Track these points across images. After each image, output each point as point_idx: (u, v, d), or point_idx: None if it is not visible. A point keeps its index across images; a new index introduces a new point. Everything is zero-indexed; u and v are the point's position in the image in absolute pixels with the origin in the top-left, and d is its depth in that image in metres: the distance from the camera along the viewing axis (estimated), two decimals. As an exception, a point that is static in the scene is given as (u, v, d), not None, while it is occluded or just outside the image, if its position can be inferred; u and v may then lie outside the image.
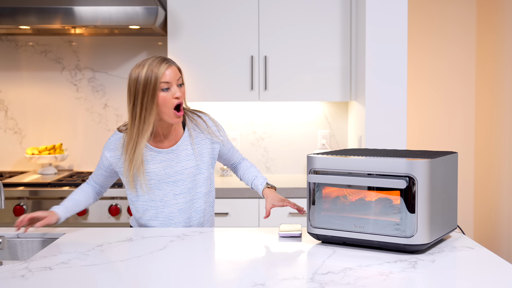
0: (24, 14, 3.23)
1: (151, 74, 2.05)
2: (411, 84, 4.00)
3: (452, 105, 4.04)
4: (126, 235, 2.12)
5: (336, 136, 3.85)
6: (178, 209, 2.22)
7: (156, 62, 2.07)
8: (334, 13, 3.49)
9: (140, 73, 2.06)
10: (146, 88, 2.05)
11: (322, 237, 1.98)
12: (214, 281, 1.60)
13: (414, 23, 3.98)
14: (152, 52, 3.82)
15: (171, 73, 2.08)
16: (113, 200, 3.26)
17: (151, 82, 2.05)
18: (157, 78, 2.05)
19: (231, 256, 1.86)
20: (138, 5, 3.22)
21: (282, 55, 3.51)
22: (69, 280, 1.61)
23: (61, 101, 3.85)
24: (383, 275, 1.63)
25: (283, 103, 3.83)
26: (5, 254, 2.15)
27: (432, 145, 4.04)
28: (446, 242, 1.99)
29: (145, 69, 2.06)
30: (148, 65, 2.06)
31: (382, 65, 3.19)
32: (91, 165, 3.86)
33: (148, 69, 2.06)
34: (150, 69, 2.05)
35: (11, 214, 3.23)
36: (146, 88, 2.05)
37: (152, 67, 2.06)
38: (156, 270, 1.71)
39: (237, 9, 3.50)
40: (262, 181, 2.33)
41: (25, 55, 3.82)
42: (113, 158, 2.19)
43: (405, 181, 1.81)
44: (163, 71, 2.06)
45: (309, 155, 2.00)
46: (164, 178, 2.19)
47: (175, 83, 2.09)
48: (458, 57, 4.02)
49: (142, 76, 2.06)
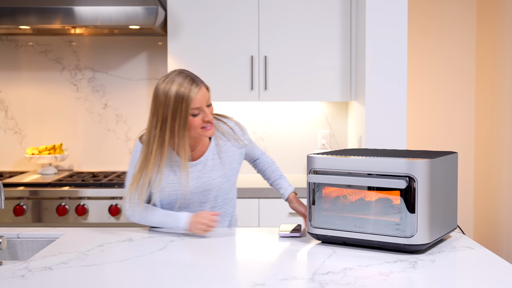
0: (24, 14, 3.23)
1: (182, 100, 1.97)
2: (411, 84, 4.00)
3: (452, 105, 4.04)
4: (126, 235, 2.12)
5: (336, 136, 3.85)
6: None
7: (186, 84, 1.98)
8: (334, 13, 3.49)
9: (169, 94, 1.98)
10: (175, 114, 1.98)
11: (322, 237, 1.98)
12: (214, 281, 1.60)
13: (414, 23, 3.98)
14: (152, 52, 3.82)
15: (201, 97, 2.01)
16: (113, 200, 3.26)
17: (182, 109, 1.98)
18: (188, 104, 1.97)
19: (231, 256, 1.86)
20: (138, 5, 3.22)
21: (282, 55, 3.51)
22: (69, 280, 1.61)
23: (61, 101, 3.84)
24: (383, 275, 1.63)
25: (283, 103, 3.83)
26: (5, 254, 2.15)
27: (432, 145, 4.04)
28: (446, 242, 1.99)
29: (174, 92, 1.97)
30: (178, 86, 1.98)
31: (382, 65, 3.19)
32: (91, 165, 3.86)
33: (177, 93, 1.97)
34: (180, 94, 1.97)
35: (11, 214, 3.23)
36: (175, 114, 1.98)
37: (183, 90, 1.97)
38: (156, 270, 1.71)
39: (237, 9, 3.50)
40: (287, 186, 2.31)
41: (25, 55, 3.82)
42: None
43: (405, 181, 1.81)
44: (194, 96, 1.98)
45: (309, 155, 2.00)
46: (191, 190, 2.13)
47: (205, 105, 2.03)
48: (458, 56, 4.02)
49: (171, 101, 1.98)
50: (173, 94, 1.97)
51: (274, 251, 1.94)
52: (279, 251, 1.93)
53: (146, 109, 3.83)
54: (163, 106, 1.98)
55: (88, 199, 3.25)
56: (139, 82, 3.83)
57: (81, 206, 3.22)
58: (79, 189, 3.25)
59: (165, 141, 2.02)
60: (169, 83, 1.99)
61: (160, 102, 2.00)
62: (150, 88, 3.83)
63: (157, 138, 2.03)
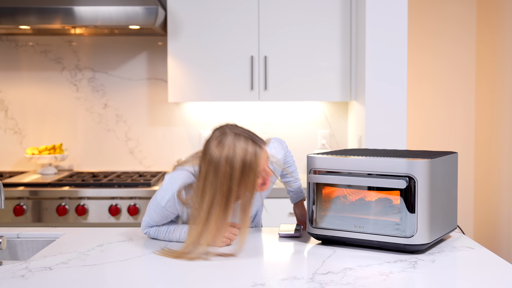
0: (24, 14, 3.23)
1: (250, 170, 1.76)
2: (411, 83, 4.00)
3: (452, 105, 4.04)
4: (126, 235, 2.11)
5: (336, 136, 3.85)
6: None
7: (251, 149, 1.77)
8: (334, 13, 3.49)
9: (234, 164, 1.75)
10: (241, 185, 1.77)
11: (322, 237, 1.98)
12: (215, 281, 1.60)
13: (414, 23, 3.98)
14: (152, 52, 3.82)
15: (265, 159, 1.82)
16: (113, 200, 3.26)
17: (249, 179, 1.77)
18: (256, 173, 1.78)
19: (231, 256, 1.85)
20: (138, 5, 3.22)
21: (282, 55, 3.51)
22: (69, 280, 1.61)
23: (61, 101, 3.85)
24: (383, 275, 1.63)
25: (283, 103, 3.83)
26: (5, 254, 2.15)
27: (432, 145, 4.04)
28: (446, 242, 1.99)
29: (240, 161, 1.75)
30: (243, 154, 1.76)
31: (382, 66, 3.19)
32: (91, 165, 3.86)
33: (244, 162, 1.76)
34: (247, 163, 1.76)
35: (11, 214, 3.23)
36: (241, 185, 1.77)
37: (249, 158, 1.76)
38: (156, 270, 1.71)
39: (237, 9, 3.50)
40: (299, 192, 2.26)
41: (25, 55, 3.82)
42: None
43: (405, 181, 1.81)
44: (260, 162, 1.78)
45: (309, 155, 2.00)
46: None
47: (267, 164, 1.86)
48: (458, 56, 4.02)
49: (237, 171, 1.75)
50: (239, 164, 1.75)
51: (274, 251, 1.94)
52: (279, 251, 1.92)
53: (146, 109, 3.83)
54: (229, 178, 1.75)
55: (88, 199, 3.25)
56: (139, 82, 3.84)
57: (81, 206, 3.22)
58: (79, 189, 3.25)
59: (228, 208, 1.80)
60: (230, 149, 1.76)
61: (222, 173, 1.76)
62: (150, 88, 3.83)
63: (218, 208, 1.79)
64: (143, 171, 3.76)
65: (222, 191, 1.76)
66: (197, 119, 3.84)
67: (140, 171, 3.76)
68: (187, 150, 3.84)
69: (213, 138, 1.81)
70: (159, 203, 1.94)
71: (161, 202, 1.94)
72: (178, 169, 1.96)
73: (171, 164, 3.85)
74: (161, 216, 1.97)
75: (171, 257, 1.81)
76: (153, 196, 1.99)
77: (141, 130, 3.85)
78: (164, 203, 1.93)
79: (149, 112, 3.84)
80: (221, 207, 1.77)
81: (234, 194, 1.78)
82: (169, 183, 1.94)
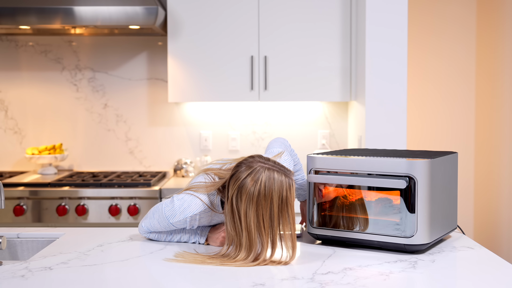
0: (24, 14, 3.23)
1: (286, 203, 1.79)
2: (411, 82, 4.00)
3: (452, 104, 4.04)
4: (126, 235, 2.11)
5: (336, 136, 3.85)
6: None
7: (286, 186, 1.79)
8: (334, 11, 3.49)
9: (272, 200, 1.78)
10: (280, 220, 1.80)
11: (322, 237, 1.98)
12: (214, 280, 1.60)
13: (414, 21, 3.98)
14: (152, 52, 3.81)
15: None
16: (113, 200, 3.26)
17: (288, 212, 1.80)
18: (292, 207, 1.80)
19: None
20: (138, 5, 3.22)
21: (282, 55, 3.51)
22: (69, 280, 1.61)
23: (61, 101, 3.85)
24: (383, 275, 1.63)
25: (283, 103, 3.83)
26: (5, 254, 2.15)
27: (432, 145, 4.04)
28: (446, 242, 1.99)
29: (277, 195, 1.78)
30: (278, 188, 1.78)
31: (382, 65, 3.19)
32: (91, 165, 3.86)
33: (279, 195, 1.78)
34: (283, 197, 1.79)
35: (11, 214, 3.23)
36: (280, 220, 1.80)
37: (284, 193, 1.79)
38: (156, 270, 1.71)
39: (237, 9, 3.50)
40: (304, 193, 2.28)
41: (25, 55, 3.82)
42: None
43: (405, 181, 1.81)
44: (291, 194, 1.81)
45: (309, 155, 2.00)
46: None
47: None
48: (458, 55, 4.02)
49: (274, 206, 1.78)
50: (277, 198, 1.79)
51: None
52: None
53: (146, 109, 3.84)
54: (268, 211, 1.79)
55: (88, 199, 3.25)
56: (139, 82, 3.83)
57: (81, 206, 3.22)
58: (79, 189, 3.25)
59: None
60: (267, 182, 1.79)
61: (261, 203, 1.79)
62: (150, 88, 3.83)
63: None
64: (143, 171, 3.76)
65: (265, 220, 1.78)
66: (197, 119, 3.84)
67: (140, 171, 3.76)
68: (187, 150, 3.84)
69: (242, 171, 1.81)
70: (166, 219, 1.94)
71: (169, 219, 1.93)
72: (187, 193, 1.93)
73: (171, 164, 3.85)
74: (164, 228, 1.98)
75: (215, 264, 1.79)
76: (158, 205, 1.97)
77: (141, 130, 3.85)
78: (173, 221, 1.93)
79: (149, 112, 3.84)
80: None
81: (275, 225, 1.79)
82: (181, 206, 1.92)
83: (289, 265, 1.76)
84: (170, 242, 2.01)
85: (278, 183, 1.78)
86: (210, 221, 1.99)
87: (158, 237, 2.03)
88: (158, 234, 2.03)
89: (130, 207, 3.23)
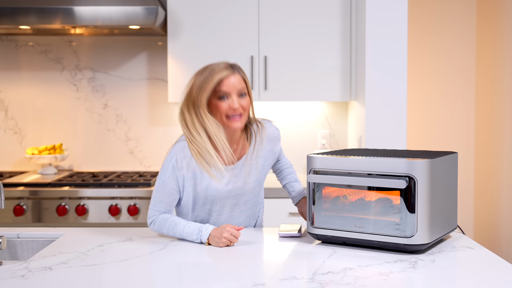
0: (24, 14, 3.23)
1: (209, 79, 1.95)
2: (411, 82, 4.00)
3: (452, 104, 4.04)
4: (126, 235, 2.12)
5: (336, 136, 3.85)
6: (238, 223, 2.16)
7: (220, 68, 1.97)
8: (334, 10, 3.49)
9: (200, 77, 1.97)
10: (199, 90, 1.96)
11: (322, 237, 1.98)
12: (214, 280, 1.60)
13: (414, 21, 3.98)
14: (152, 52, 3.82)
15: (230, 83, 1.97)
16: (113, 200, 3.26)
17: (205, 88, 1.95)
18: (215, 84, 1.95)
19: (231, 256, 1.85)
20: (138, 5, 3.22)
21: (282, 55, 3.51)
22: (69, 280, 1.61)
23: (61, 101, 3.85)
24: (383, 275, 1.63)
25: (283, 103, 3.83)
26: (5, 254, 2.15)
27: (432, 145, 4.04)
28: (446, 242, 1.99)
29: (206, 73, 1.96)
30: (211, 70, 1.97)
31: (382, 64, 3.19)
32: (91, 165, 3.86)
33: (208, 73, 1.96)
34: (210, 74, 1.95)
35: (11, 214, 3.23)
36: (199, 90, 1.96)
37: (213, 72, 1.96)
38: (156, 270, 1.71)
39: (237, 9, 3.50)
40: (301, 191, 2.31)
41: (25, 55, 3.82)
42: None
43: (405, 181, 1.81)
44: (220, 78, 1.95)
45: (309, 155, 2.00)
46: (225, 195, 2.07)
47: (234, 93, 1.98)
48: (458, 54, 4.02)
49: (201, 78, 1.96)
50: (203, 76, 1.97)
51: (274, 251, 1.94)
52: (279, 251, 1.92)
53: (146, 109, 3.84)
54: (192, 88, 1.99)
55: (88, 199, 3.25)
56: (139, 82, 3.84)
57: (81, 206, 3.22)
58: (79, 189, 3.25)
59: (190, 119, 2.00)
60: (204, 70, 2.00)
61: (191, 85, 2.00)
62: (150, 88, 3.83)
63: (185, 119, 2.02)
64: (143, 171, 3.76)
65: (191, 100, 1.98)
66: (197, 119, 3.84)
67: (140, 171, 3.76)
68: (187, 150, 3.84)
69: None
70: (161, 178, 2.03)
71: (162, 175, 2.02)
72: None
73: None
74: (164, 193, 2.03)
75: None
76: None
77: (141, 130, 3.85)
78: (165, 175, 2.01)
79: (149, 112, 3.84)
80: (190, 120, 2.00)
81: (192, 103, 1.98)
82: (166, 157, 2.04)
83: (289, 265, 1.76)
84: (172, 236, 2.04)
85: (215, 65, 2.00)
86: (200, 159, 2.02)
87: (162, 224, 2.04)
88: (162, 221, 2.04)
89: (130, 207, 3.23)
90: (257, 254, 1.90)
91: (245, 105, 2.01)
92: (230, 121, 1.99)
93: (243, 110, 2.00)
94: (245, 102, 2.01)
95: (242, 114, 2.01)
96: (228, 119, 1.99)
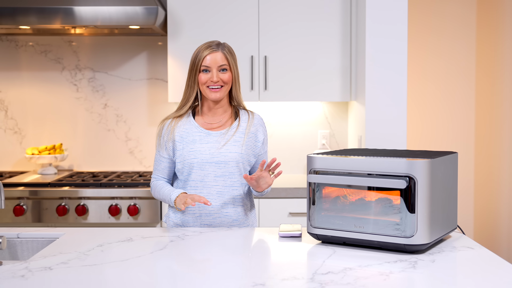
0: (24, 14, 3.23)
1: (196, 57, 2.27)
2: (411, 82, 4.00)
3: (452, 103, 4.04)
4: (126, 235, 2.12)
5: (336, 136, 3.85)
6: (216, 192, 2.27)
7: (205, 47, 2.28)
8: (334, 10, 3.49)
9: (193, 56, 2.30)
10: (191, 67, 2.30)
11: (322, 237, 1.98)
12: (214, 281, 1.60)
13: (413, 20, 3.98)
14: (152, 52, 3.82)
15: (211, 59, 2.26)
16: (113, 200, 3.26)
17: (194, 64, 2.28)
18: (199, 60, 2.26)
19: (231, 256, 1.86)
20: (138, 5, 3.22)
21: (282, 55, 3.51)
22: (69, 280, 1.61)
23: (61, 101, 3.85)
24: (383, 275, 1.63)
25: (283, 103, 3.83)
26: (5, 254, 2.15)
27: (432, 145, 4.04)
28: (446, 242, 1.99)
29: (195, 52, 2.29)
30: (198, 49, 2.28)
31: (382, 64, 3.19)
32: (91, 165, 3.86)
33: (197, 52, 2.28)
34: (197, 53, 2.27)
35: (11, 214, 3.23)
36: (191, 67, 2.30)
37: (200, 51, 2.27)
38: (156, 270, 1.71)
39: (237, 9, 3.50)
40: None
41: (25, 55, 3.82)
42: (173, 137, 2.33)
43: (405, 181, 1.81)
44: (205, 54, 2.26)
45: (309, 155, 2.00)
46: (207, 158, 2.26)
47: (215, 68, 2.25)
48: (458, 54, 4.01)
49: (192, 57, 2.30)
50: (193, 54, 2.30)
51: (274, 251, 1.94)
52: (279, 251, 1.93)
53: (146, 109, 3.84)
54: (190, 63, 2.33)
55: (88, 199, 3.25)
56: (139, 82, 3.84)
57: (81, 206, 3.22)
58: (79, 189, 3.25)
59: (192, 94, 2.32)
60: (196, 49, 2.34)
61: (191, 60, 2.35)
62: (150, 88, 3.83)
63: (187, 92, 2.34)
64: (143, 171, 3.76)
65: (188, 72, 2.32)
66: (197, 119, 3.84)
67: (140, 171, 3.76)
68: (187, 150, 3.84)
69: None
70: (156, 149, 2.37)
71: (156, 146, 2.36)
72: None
73: (171, 164, 3.85)
74: (156, 161, 2.36)
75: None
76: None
77: (141, 130, 3.85)
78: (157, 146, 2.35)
79: (149, 112, 3.84)
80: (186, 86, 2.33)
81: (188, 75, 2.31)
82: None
83: (289, 265, 1.76)
84: (162, 200, 2.33)
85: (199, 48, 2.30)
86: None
87: (154, 187, 2.35)
88: (156, 185, 2.35)
89: (130, 207, 3.23)
90: (257, 254, 1.90)
91: (225, 78, 2.28)
92: (210, 92, 2.27)
93: (223, 83, 2.28)
94: (226, 76, 2.28)
95: (223, 86, 2.28)
96: (209, 90, 2.27)
